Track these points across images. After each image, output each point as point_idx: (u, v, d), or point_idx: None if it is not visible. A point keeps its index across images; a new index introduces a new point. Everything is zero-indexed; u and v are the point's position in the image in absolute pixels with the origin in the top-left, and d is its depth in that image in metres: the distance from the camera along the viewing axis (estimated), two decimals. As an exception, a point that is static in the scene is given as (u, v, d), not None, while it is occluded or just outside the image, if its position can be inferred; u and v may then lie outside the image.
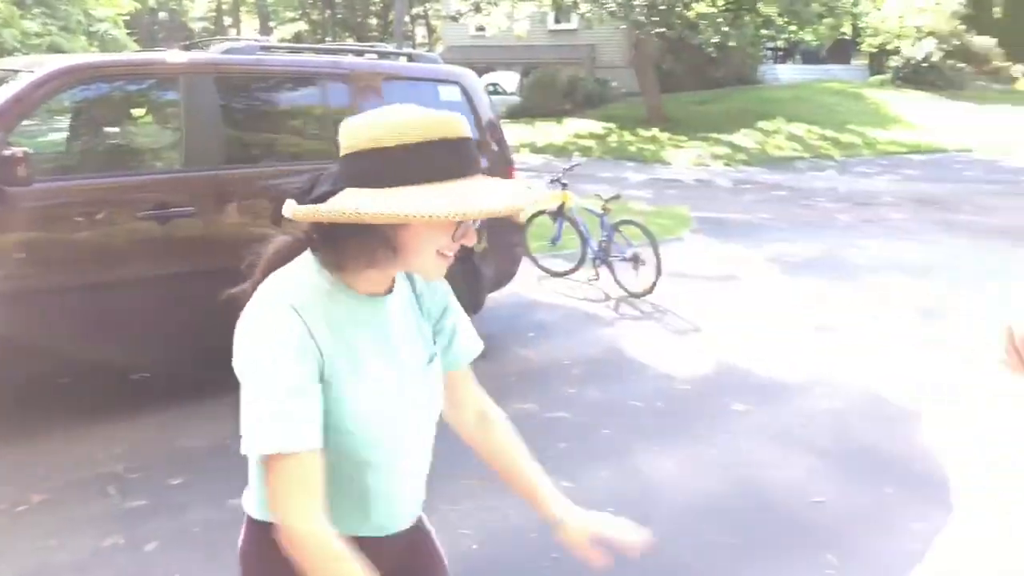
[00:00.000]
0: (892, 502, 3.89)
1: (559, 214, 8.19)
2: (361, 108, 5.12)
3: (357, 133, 1.38)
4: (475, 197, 1.34)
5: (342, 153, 1.40)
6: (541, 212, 8.24)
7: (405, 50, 6.53)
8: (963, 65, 30.09)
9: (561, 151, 19.61)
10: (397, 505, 1.56)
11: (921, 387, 5.30)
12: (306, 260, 1.45)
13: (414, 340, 1.56)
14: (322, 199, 1.36)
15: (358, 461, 1.45)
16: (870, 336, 6.38)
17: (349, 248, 1.38)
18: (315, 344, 1.37)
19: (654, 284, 7.27)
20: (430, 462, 1.64)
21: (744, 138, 21.00)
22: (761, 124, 22.32)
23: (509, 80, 29.17)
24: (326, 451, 1.38)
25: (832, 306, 7.21)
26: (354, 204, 1.31)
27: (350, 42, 33.20)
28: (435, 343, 1.64)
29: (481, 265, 5.32)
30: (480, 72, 7.74)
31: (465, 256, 1.55)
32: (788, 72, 32.77)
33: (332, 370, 1.39)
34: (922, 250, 9.60)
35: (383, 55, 6.07)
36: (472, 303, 5.21)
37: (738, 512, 3.77)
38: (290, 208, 1.40)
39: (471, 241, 1.44)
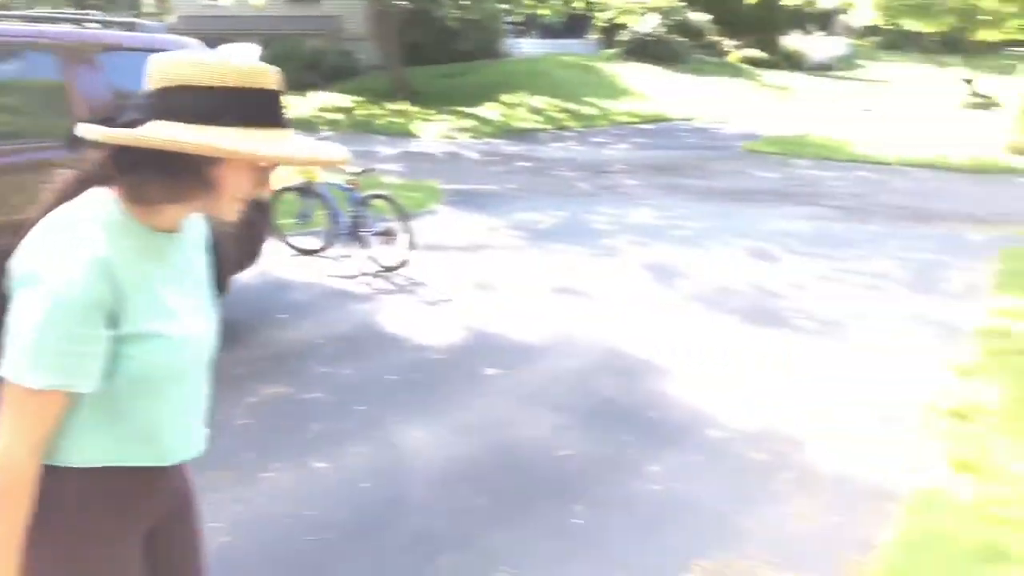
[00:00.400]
0: (631, 449, 4.18)
1: (307, 190, 7.99)
2: (74, 81, 4.70)
3: (175, 69, 1.38)
4: (295, 144, 1.41)
5: (154, 86, 1.39)
6: (287, 189, 8.00)
7: (125, 19, 6.06)
8: (683, 39, 32.51)
9: (308, 125, 19.13)
10: (186, 433, 1.61)
11: (655, 343, 5.72)
12: (99, 193, 1.43)
13: (202, 276, 1.64)
14: (129, 128, 1.36)
15: (153, 392, 1.49)
16: (610, 297, 6.78)
17: (155, 181, 1.40)
18: (109, 278, 1.36)
19: (407, 257, 7.31)
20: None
21: (490, 111, 21.50)
22: (505, 97, 22.94)
23: (251, 52, 27.95)
24: (120, 384, 1.43)
25: (575, 271, 7.58)
26: (180, 133, 1.33)
27: (68, 11, 30.26)
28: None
29: (223, 246, 5.08)
30: (213, 43, 7.31)
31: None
32: (529, 46, 33.87)
33: (129, 304, 1.40)
34: (655, 214, 10.33)
35: (104, 24, 5.60)
36: (215, 286, 4.97)
37: (490, 474, 3.89)
38: (96, 131, 1.37)
39: (268, 191, 1.50)
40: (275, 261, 7.32)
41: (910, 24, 26.31)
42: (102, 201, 1.43)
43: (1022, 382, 4.92)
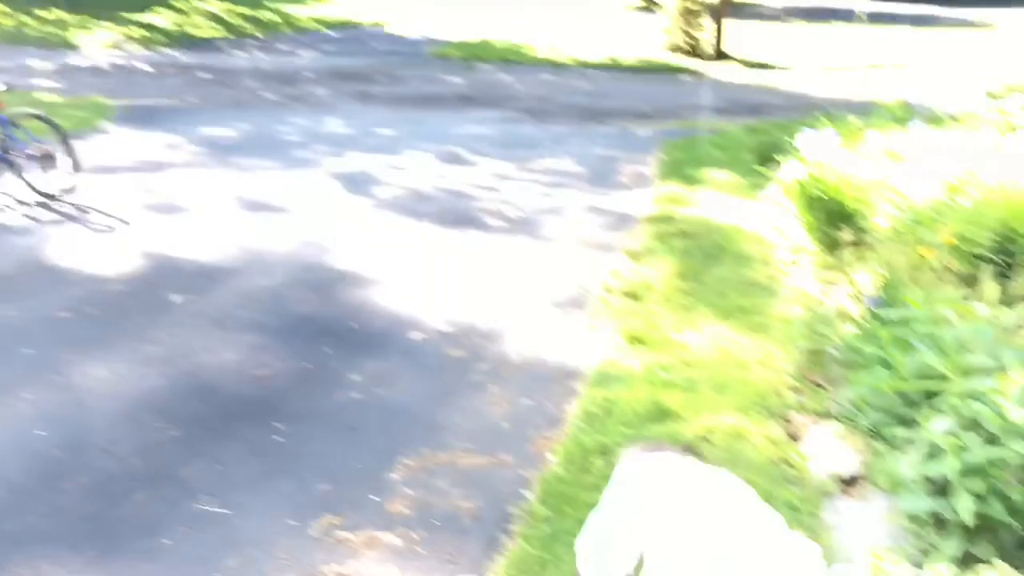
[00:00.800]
0: (332, 361, 4.16)
1: (-61, 113, 6.92)
2: None
3: None
4: None
5: None
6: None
7: None
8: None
9: (-61, 38, 16.51)
10: None
11: (352, 253, 5.67)
12: None
13: None
14: None
15: None
16: (304, 210, 6.61)
17: None
18: None
19: (72, 182, 6.62)
20: None
21: (160, 18, 19.76)
22: (177, 2, 21.18)
23: None
24: None
25: (266, 185, 7.28)
26: None
27: None
28: None
29: None
30: None
31: None
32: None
33: None
34: (346, 123, 10.12)
35: None
36: None
37: (184, 404, 3.71)
38: None
39: None
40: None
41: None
42: None
43: (681, 261, 5.47)
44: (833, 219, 5.16)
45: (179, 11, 20.72)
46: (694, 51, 16.04)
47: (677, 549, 2.38)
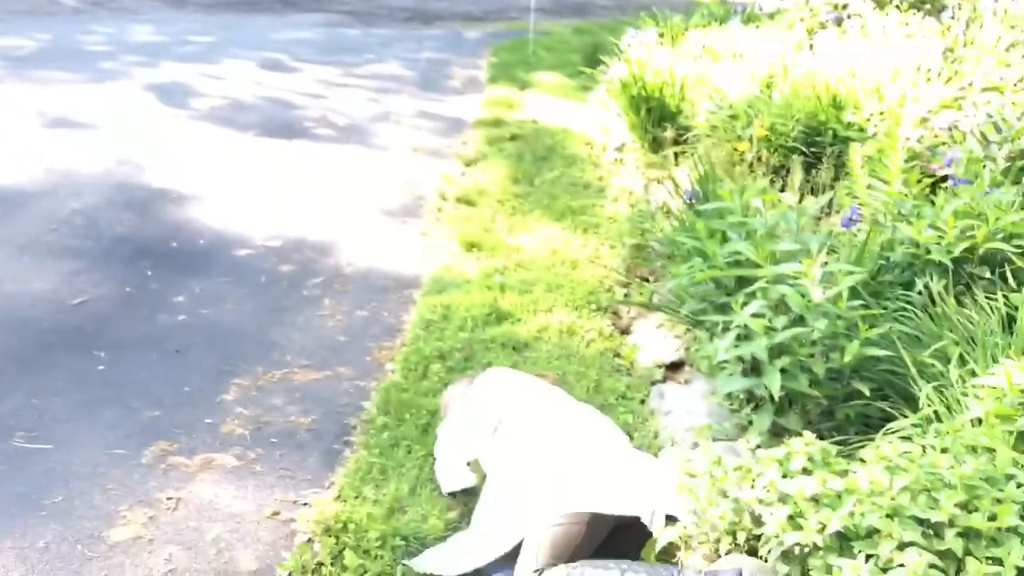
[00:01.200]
0: (154, 283, 3.96)
1: None
2: None
3: None
4: None
5: None
6: None
7: None
8: None
9: None
10: None
11: (171, 169, 5.37)
12: None
13: None
14: None
15: None
16: (115, 126, 6.17)
17: None
18: None
19: None
20: None
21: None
22: None
23: None
24: None
25: (70, 100, 6.73)
26: None
27: None
28: None
29: None
30: None
31: None
32: None
33: None
34: (157, 30, 9.47)
35: None
36: None
37: (-10, 338, 3.46)
38: None
39: None
40: None
41: None
42: None
43: (513, 165, 5.50)
44: (655, 117, 5.30)
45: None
46: (521, -50, 15.84)
47: (519, 466, 2.45)
